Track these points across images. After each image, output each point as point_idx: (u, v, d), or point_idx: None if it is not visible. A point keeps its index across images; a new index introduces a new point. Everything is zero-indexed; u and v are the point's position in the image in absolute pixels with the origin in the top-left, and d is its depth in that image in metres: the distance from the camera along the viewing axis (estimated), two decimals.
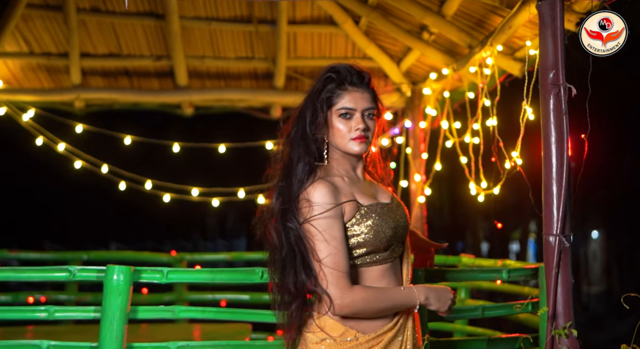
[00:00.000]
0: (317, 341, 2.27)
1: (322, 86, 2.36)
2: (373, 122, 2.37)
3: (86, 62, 6.38)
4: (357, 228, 2.28)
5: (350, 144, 2.33)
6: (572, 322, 3.02)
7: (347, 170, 2.39)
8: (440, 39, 5.64)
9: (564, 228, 3.03)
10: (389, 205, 2.37)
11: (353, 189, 2.33)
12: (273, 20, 6.25)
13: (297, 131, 2.36)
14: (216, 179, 6.96)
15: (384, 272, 2.32)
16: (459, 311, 3.34)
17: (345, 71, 2.37)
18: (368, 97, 2.37)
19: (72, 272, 2.87)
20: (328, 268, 2.19)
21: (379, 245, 2.28)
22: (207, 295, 6.27)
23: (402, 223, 2.37)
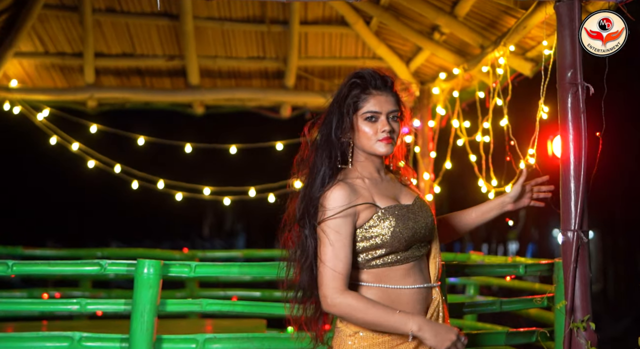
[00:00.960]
0: (351, 334, 2.35)
1: (348, 92, 2.45)
2: (397, 124, 2.46)
3: (100, 61, 6.45)
4: (376, 230, 2.35)
5: (376, 145, 2.41)
6: (590, 315, 3.09)
7: (370, 172, 2.46)
8: (451, 39, 5.71)
9: (581, 224, 3.10)
10: (409, 207, 2.43)
11: (373, 191, 2.40)
12: (285, 21, 6.32)
13: (323, 137, 2.44)
14: (227, 178, 7.04)
15: (408, 271, 2.39)
16: (478, 305, 3.41)
17: (370, 76, 2.46)
18: (392, 100, 2.46)
19: (103, 266, 2.93)
20: (327, 267, 2.29)
21: (397, 246, 2.36)
22: (218, 292, 6.34)
23: (425, 224, 2.42)
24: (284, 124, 7.47)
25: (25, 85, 6.55)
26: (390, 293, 2.35)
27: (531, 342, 3.44)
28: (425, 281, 2.43)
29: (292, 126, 7.43)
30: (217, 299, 5.97)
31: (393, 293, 2.35)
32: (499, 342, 3.29)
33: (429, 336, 2.25)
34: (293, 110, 7.24)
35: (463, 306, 3.28)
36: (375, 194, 2.40)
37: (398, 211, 2.38)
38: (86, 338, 2.91)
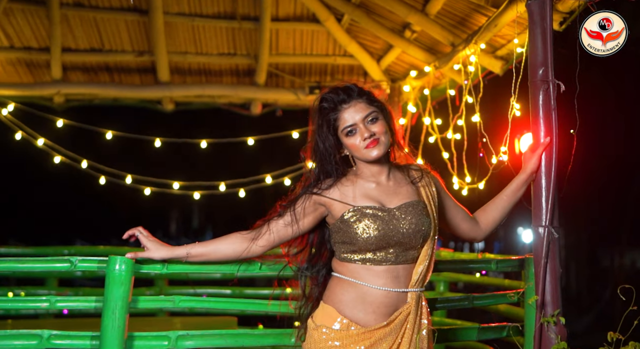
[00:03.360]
0: (314, 327, 2.50)
1: (321, 119, 2.53)
2: (379, 122, 2.49)
3: (67, 57, 6.36)
4: (348, 228, 2.45)
5: (365, 153, 2.48)
6: (560, 310, 3.13)
7: (373, 174, 2.55)
8: (422, 37, 5.74)
9: (552, 220, 3.13)
10: (389, 210, 2.47)
11: (359, 192, 2.51)
12: (256, 17, 6.29)
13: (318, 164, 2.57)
14: (196, 174, 6.99)
15: (380, 272, 2.46)
16: (450, 301, 3.43)
17: (333, 95, 2.52)
18: (362, 105, 2.50)
19: (73, 262, 2.87)
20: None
21: (366, 246, 2.43)
22: (188, 289, 6.29)
23: (405, 230, 2.45)
24: (255, 121, 7.44)
25: None
26: (358, 288, 2.46)
27: (501, 337, 3.47)
28: (400, 286, 2.47)
29: (263, 123, 7.44)
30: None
31: (361, 289, 2.45)
32: (471, 337, 3.32)
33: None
34: (264, 107, 7.21)
35: (435, 302, 3.29)
36: (359, 195, 2.50)
37: (370, 212, 2.45)
38: (55, 336, 2.85)
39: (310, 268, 2.68)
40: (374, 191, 2.53)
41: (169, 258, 2.75)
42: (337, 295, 2.50)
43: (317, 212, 2.57)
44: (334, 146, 2.53)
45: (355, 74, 7.00)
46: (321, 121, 2.53)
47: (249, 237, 2.61)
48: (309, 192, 2.55)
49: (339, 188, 2.53)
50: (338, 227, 2.50)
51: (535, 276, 3.15)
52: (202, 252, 2.69)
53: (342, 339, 2.43)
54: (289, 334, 2.94)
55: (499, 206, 2.91)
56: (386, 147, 2.50)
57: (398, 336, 2.45)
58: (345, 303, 2.46)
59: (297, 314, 2.69)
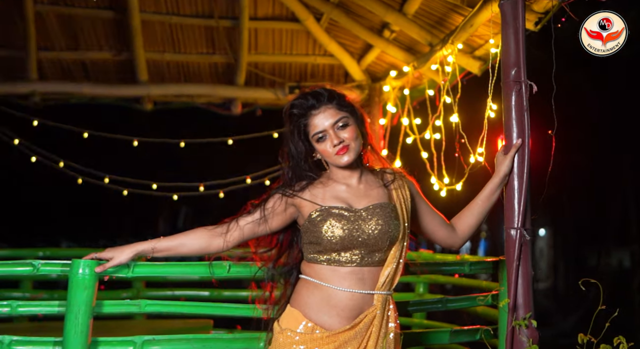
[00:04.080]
0: (280, 331, 2.46)
1: (292, 125, 2.52)
2: (349, 127, 2.48)
3: (43, 55, 6.28)
4: (314, 228, 2.45)
5: (336, 159, 2.48)
6: (532, 313, 3.09)
7: (344, 177, 2.54)
8: (401, 36, 5.71)
9: (524, 222, 3.10)
10: (356, 211, 2.46)
11: (329, 194, 2.50)
12: (234, 16, 6.24)
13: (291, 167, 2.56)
14: (176, 173, 6.92)
15: (346, 274, 2.43)
16: (423, 303, 3.39)
17: (302, 101, 2.51)
18: (332, 111, 2.48)
19: (35, 266, 2.82)
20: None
21: (327, 246, 2.42)
22: (166, 292, 6.19)
23: (370, 232, 2.44)
24: (235, 120, 7.37)
25: None
26: (323, 290, 2.44)
27: (475, 340, 3.44)
28: (365, 288, 2.44)
29: (244, 123, 7.37)
30: (165, 299, 5.97)
31: (326, 291, 2.43)
32: (443, 340, 3.28)
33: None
34: (244, 106, 7.14)
35: (408, 305, 3.26)
36: (329, 196, 2.50)
37: (336, 212, 2.44)
38: (17, 342, 2.79)
39: (280, 268, 2.66)
40: (344, 193, 2.52)
41: (136, 255, 2.68)
42: (302, 298, 2.48)
43: (288, 212, 2.56)
44: (305, 150, 2.54)
45: (335, 74, 6.96)
46: (292, 126, 2.52)
47: (216, 232, 2.58)
48: (281, 192, 2.55)
49: (310, 190, 2.54)
50: (306, 228, 2.50)
51: (507, 279, 3.12)
52: (168, 247, 2.63)
53: (307, 343, 2.40)
54: (258, 338, 2.88)
55: (474, 212, 2.87)
56: (356, 153, 2.49)
57: (364, 339, 2.41)
58: (310, 305, 2.45)
59: (266, 317, 2.65)
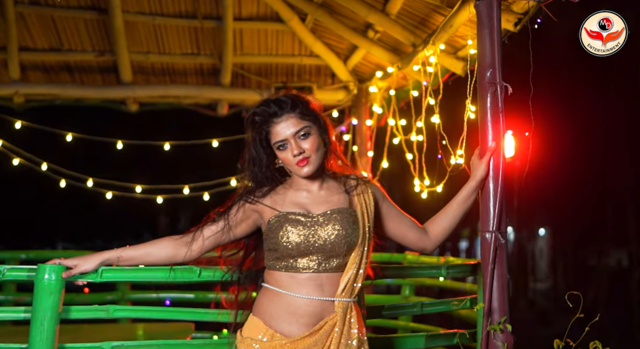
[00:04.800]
0: (241, 340, 2.46)
1: (254, 132, 2.52)
2: (310, 137, 2.47)
3: (25, 56, 6.22)
4: (272, 233, 2.45)
5: (296, 170, 2.49)
6: (507, 317, 3.06)
7: (306, 183, 2.54)
8: (385, 37, 5.66)
9: (500, 225, 3.06)
10: (312, 216, 2.45)
11: (288, 200, 2.51)
12: (219, 17, 6.18)
13: (253, 173, 2.56)
14: (161, 176, 6.86)
15: (303, 280, 2.42)
16: (399, 307, 3.35)
17: (264, 108, 2.50)
18: (294, 120, 2.47)
19: (1, 271, 2.77)
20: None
21: (284, 252, 2.41)
22: (151, 294, 6.15)
23: (326, 237, 2.42)
24: (222, 121, 7.31)
25: None
26: (282, 297, 2.42)
27: (452, 344, 3.40)
28: (324, 294, 2.42)
29: (230, 124, 7.31)
30: (149, 301, 5.92)
31: (285, 298, 2.42)
32: (418, 345, 3.23)
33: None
34: (230, 108, 7.09)
35: (382, 309, 3.21)
36: (288, 202, 2.50)
37: (293, 217, 2.43)
38: None
39: (247, 272, 2.67)
40: (304, 199, 2.52)
41: (101, 264, 2.69)
42: (263, 306, 2.46)
43: (251, 219, 2.56)
44: (267, 157, 2.54)
45: (322, 74, 6.91)
46: (254, 134, 2.52)
47: (182, 242, 2.60)
48: (243, 199, 2.55)
49: (272, 196, 2.54)
50: (266, 234, 2.50)
51: (482, 283, 3.08)
52: (133, 256, 2.67)
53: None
54: (227, 344, 2.85)
55: (449, 215, 2.84)
56: (317, 165, 2.49)
57: (324, 346, 2.39)
58: (270, 313, 2.43)
59: (234, 323, 2.64)
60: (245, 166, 2.57)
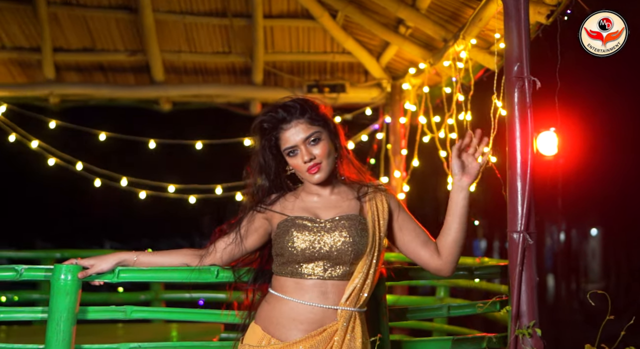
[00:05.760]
0: (241, 347, 2.43)
1: (263, 139, 2.45)
2: (321, 143, 2.41)
3: (60, 56, 6.28)
4: (279, 238, 2.39)
5: (307, 177, 2.43)
6: (536, 321, 2.94)
7: (317, 189, 2.47)
8: (417, 33, 5.55)
9: (528, 225, 2.94)
10: (319, 222, 2.38)
11: (299, 205, 2.45)
12: (249, 14, 6.14)
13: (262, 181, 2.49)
14: (194, 175, 6.85)
15: (307, 287, 2.35)
16: (423, 310, 3.25)
17: (272, 114, 2.42)
18: (303, 126, 2.40)
19: (18, 271, 2.76)
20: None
21: (289, 256, 2.35)
22: (184, 294, 6.15)
23: (332, 244, 2.34)
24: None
25: None
26: (284, 303, 2.36)
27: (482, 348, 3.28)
28: (328, 302, 2.34)
29: None
30: (183, 301, 5.92)
31: (287, 304, 2.36)
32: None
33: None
34: (263, 106, 7.04)
35: (406, 312, 3.11)
36: (298, 207, 2.45)
37: (300, 222, 2.37)
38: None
39: (263, 274, 2.60)
40: (313, 204, 2.46)
41: (117, 264, 2.67)
42: (265, 312, 2.41)
43: (262, 228, 2.52)
44: (276, 164, 2.48)
45: (355, 72, 6.83)
46: (263, 141, 2.45)
47: (198, 255, 2.61)
48: (254, 209, 2.51)
49: (281, 202, 2.49)
50: (274, 239, 2.45)
51: (510, 285, 2.97)
52: (150, 262, 2.67)
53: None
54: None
55: (448, 230, 2.47)
56: (328, 171, 2.42)
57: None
58: (270, 319, 2.38)
59: (242, 325, 2.59)
60: (253, 175, 2.51)
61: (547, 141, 5.65)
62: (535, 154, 5.57)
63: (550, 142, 5.65)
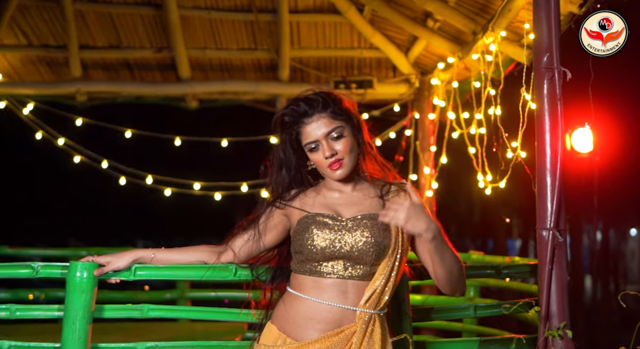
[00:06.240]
0: (256, 346, 2.39)
1: (284, 133, 2.39)
2: (343, 138, 2.33)
3: (86, 54, 6.27)
4: (299, 235, 2.32)
5: (329, 173, 2.35)
6: (567, 322, 2.82)
7: (338, 185, 2.41)
8: (446, 26, 5.43)
9: (557, 222, 2.82)
10: (340, 220, 2.31)
11: (319, 202, 2.38)
12: (274, 9, 6.07)
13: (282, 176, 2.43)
14: (220, 173, 6.79)
15: (327, 286, 2.27)
16: (447, 310, 3.14)
17: (293, 108, 2.36)
18: (325, 120, 2.32)
19: (35, 268, 2.72)
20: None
21: (308, 254, 2.28)
22: (209, 293, 6.12)
23: (353, 243, 2.26)
24: None
25: (11, 80, 6.40)
26: (302, 302, 2.29)
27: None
28: (347, 302, 2.26)
29: None
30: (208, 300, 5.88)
31: (305, 303, 2.29)
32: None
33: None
34: None
35: (431, 312, 3.01)
36: (318, 203, 2.38)
37: (321, 219, 2.30)
38: (15, 347, 2.71)
39: (281, 272, 2.54)
40: (334, 200, 2.38)
41: (134, 262, 2.63)
42: (281, 311, 2.35)
43: (281, 225, 2.45)
44: (297, 159, 2.42)
45: (383, 68, 6.73)
46: (284, 135, 2.39)
47: (216, 251, 2.55)
48: (273, 205, 2.43)
49: (301, 198, 2.42)
50: (293, 236, 2.38)
51: (540, 285, 2.85)
52: (167, 259, 2.62)
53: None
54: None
55: (431, 268, 2.33)
56: (350, 167, 2.34)
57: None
58: (287, 318, 2.31)
59: (259, 324, 2.53)
60: (273, 170, 2.44)
61: (582, 137, 5.48)
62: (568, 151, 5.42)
63: (585, 138, 5.49)
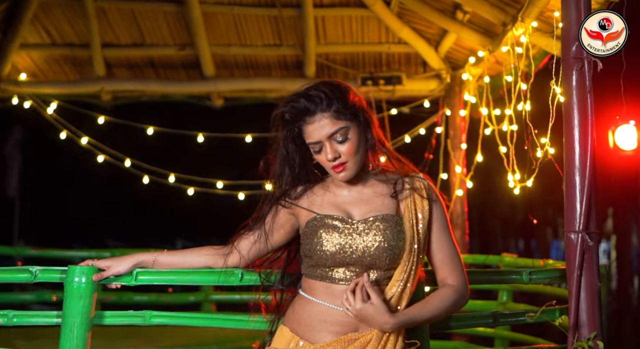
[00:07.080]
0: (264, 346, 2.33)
1: (286, 131, 2.22)
2: (348, 140, 2.15)
3: (110, 52, 6.21)
4: (307, 238, 2.20)
5: (334, 174, 2.21)
6: (599, 332, 2.61)
7: (345, 185, 2.26)
8: (476, 18, 5.22)
9: (588, 224, 2.61)
10: (352, 223, 2.16)
11: (328, 201, 2.24)
12: (298, 4, 5.91)
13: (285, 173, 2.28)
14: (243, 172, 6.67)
15: (339, 293, 2.13)
16: (469, 318, 2.95)
17: (293, 104, 2.17)
18: (328, 121, 2.13)
19: (33, 273, 2.60)
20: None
21: (317, 260, 2.15)
22: (234, 295, 6.00)
23: (364, 247, 2.12)
24: None
25: (36, 79, 6.37)
26: (315, 306, 2.17)
27: None
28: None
29: None
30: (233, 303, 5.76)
31: (318, 307, 2.16)
32: None
33: None
34: None
35: (450, 320, 2.83)
36: (327, 202, 2.23)
37: (330, 222, 2.15)
38: None
39: (290, 276, 2.41)
40: (344, 199, 2.23)
41: (135, 266, 2.52)
42: (294, 314, 2.23)
43: (288, 224, 2.32)
44: (301, 156, 2.25)
45: (412, 63, 6.53)
46: (285, 132, 2.22)
47: (221, 253, 2.42)
48: (278, 203, 2.29)
49: (308, 196, 2.27)
50: (302, 238, 2.24)
51: (568, 292, 2.64)
52: (170, 262, 2.50)
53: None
54: None
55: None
56: (356, 169, 2.17)
57: None
58: (299, 321, 2.19)
59: (268, 331, 2.40)
60: (275, 167, 2.28)
61: (626, 134, 5.23)
62: (611, 148, 5.14)
63: (629, 136, 5.23)
